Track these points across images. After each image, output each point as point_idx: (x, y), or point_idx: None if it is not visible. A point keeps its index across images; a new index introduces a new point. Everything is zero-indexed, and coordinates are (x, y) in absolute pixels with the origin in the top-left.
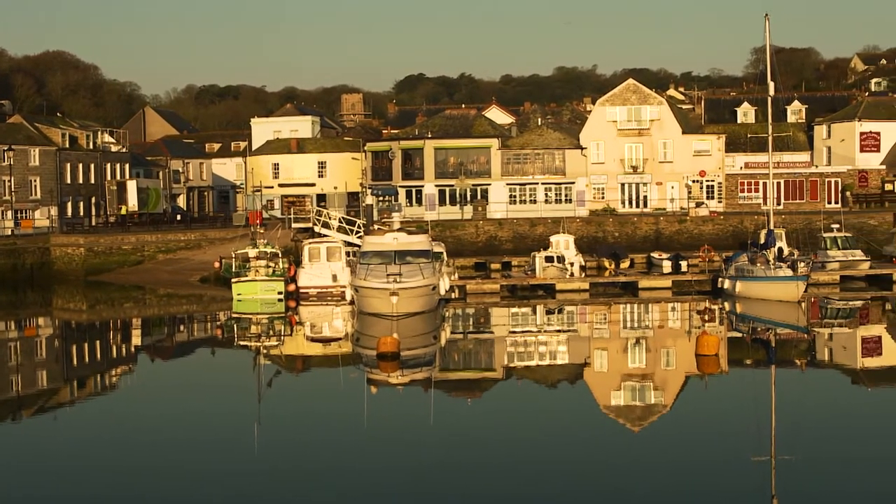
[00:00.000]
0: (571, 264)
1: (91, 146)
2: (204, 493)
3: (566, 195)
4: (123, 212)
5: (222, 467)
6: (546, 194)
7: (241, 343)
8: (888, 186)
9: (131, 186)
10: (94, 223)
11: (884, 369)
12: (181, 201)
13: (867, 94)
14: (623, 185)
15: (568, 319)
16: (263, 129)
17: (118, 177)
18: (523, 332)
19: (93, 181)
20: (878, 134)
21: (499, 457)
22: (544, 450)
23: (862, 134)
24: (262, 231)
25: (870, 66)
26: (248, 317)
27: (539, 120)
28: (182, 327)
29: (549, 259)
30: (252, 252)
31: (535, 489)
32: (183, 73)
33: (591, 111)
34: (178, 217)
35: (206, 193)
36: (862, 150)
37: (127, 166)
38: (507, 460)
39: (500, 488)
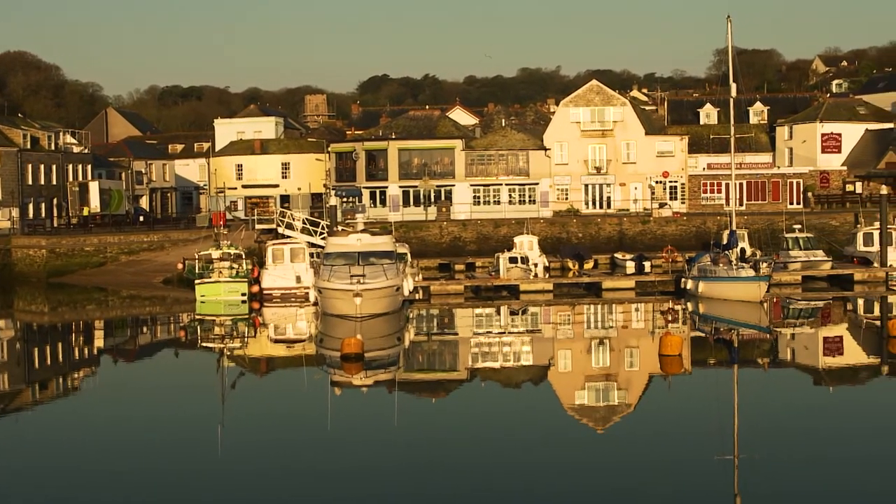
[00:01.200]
0: (535, 265)
1: (53, 147)
2: (167, 495)
3: (530, 196)
4: (86, 213)
5: (185, 469)
6: (510, 195)
7: (205, 344)
8: (849, 187)
9: (93, 187)
10: (55, 224)
11: (845, 369)
12: (144, 202)
13: (828, 95)
14: (587, 185)
15: (532, 320)
16: (227, 130)
17: (80, 178)
18: (487, 332)
19: (54, 182)
20: (840, 135)
21: (463, 458)
22: (508, 450)
23: (823, 135)
24: (225, 232)
25: (831, 68)
26: (212, 318)
27: (503, 121)
28: (145, 329)
29: (512, 260)
30: (215, 253)
31: (500, 489)
32: (145, 73)
33: (554, 112)
34: (141, 218)
35: (169, 195)
36: (823, 152)
37: (89, 167)
38: (472, 461)
39: (465, 489)
